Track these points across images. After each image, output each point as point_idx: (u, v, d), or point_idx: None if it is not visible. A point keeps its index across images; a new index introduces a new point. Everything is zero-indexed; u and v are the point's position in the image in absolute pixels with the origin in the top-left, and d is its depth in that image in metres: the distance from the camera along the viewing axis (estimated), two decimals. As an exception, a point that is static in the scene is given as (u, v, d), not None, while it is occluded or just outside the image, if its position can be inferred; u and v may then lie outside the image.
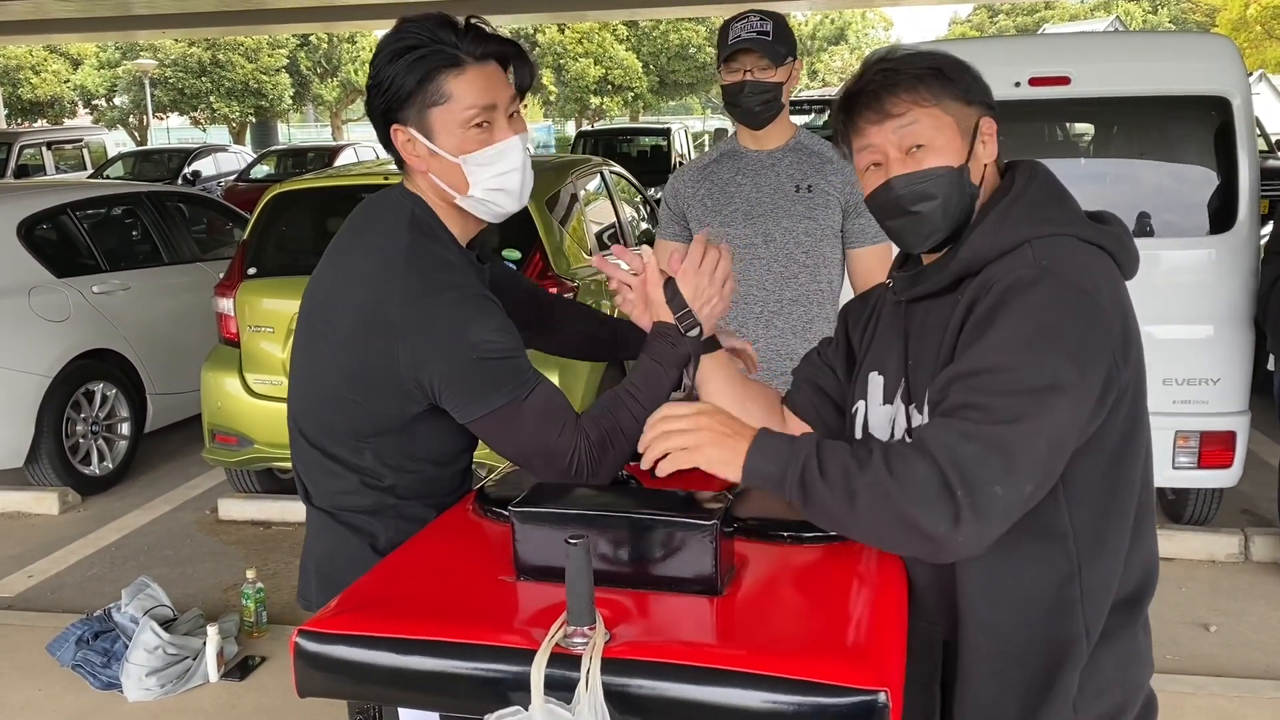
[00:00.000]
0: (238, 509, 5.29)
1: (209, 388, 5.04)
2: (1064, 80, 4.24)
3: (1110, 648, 1.46)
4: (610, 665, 1.22)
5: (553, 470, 1.64)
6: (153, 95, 32.67)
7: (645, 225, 6.89)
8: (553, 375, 4.15)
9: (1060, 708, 1.44)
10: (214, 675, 3.61)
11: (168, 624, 3.73)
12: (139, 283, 6.14)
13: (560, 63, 36.77)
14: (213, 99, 33.60)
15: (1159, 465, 4.17)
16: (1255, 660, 3.68)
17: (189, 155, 17.28)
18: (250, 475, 5.36)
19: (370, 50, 34.93)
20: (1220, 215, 4.25)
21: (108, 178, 15.58)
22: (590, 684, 1.21)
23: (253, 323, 4.91)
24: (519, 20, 22.01)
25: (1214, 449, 4.21)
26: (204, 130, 38.46)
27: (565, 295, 4.66)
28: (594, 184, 6.13)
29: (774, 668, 1.20)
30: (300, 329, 1.80)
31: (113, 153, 18.72)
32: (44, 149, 16.92)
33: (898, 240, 1.52)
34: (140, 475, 6.01)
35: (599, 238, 5.82)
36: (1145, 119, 4.55)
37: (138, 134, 35.57)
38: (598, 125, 32.24)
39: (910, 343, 1.52)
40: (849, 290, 2.83)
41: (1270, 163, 8.32)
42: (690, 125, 24.16)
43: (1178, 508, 4.68)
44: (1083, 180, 4.49)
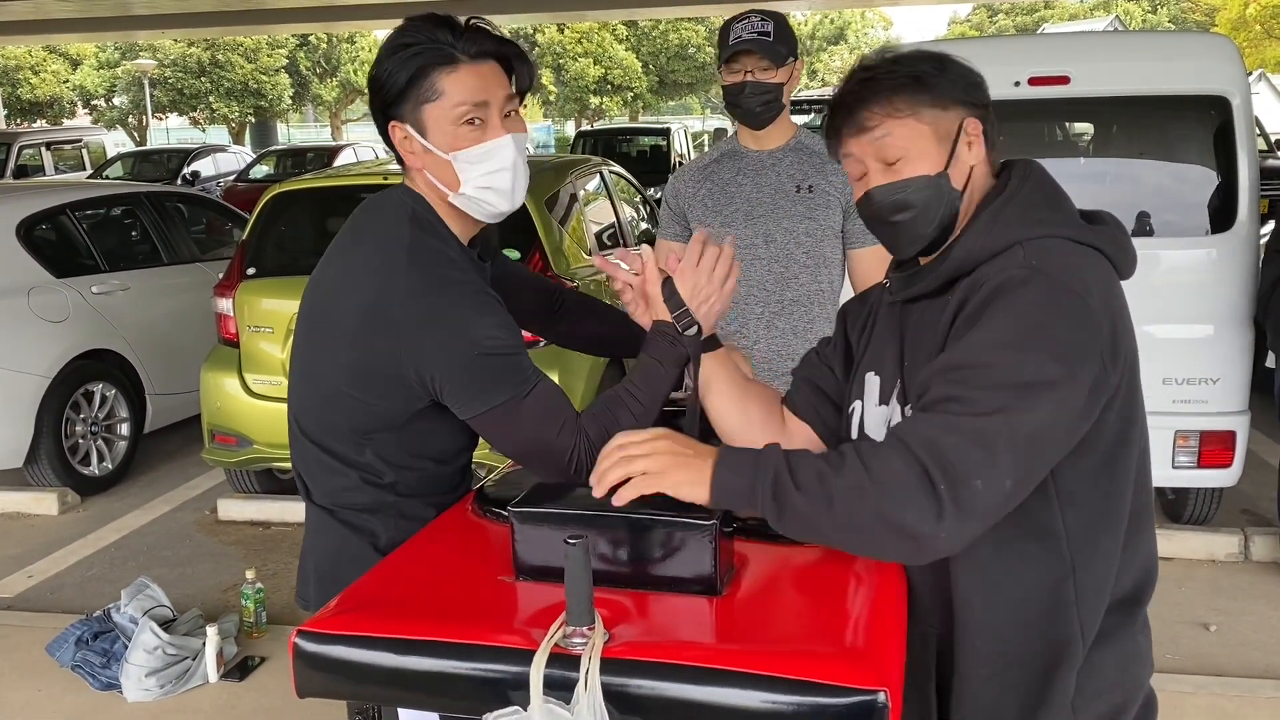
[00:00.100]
0: (237, 509, 5.29)
1: (208, 388, 5.04)
2: (1063, 80, 4.25)
3: (1109, 648, 1.46)
4: (609, 665, 1.22)
5: (552, 468, 1.64)
6: (152, 95, 32.66)
7: (645, 225, 6.89)
8: (553, 373, 4.15)
9: (1059, 708, 1.44)
10: (213, 676, 3.61)
11: (167, 624, 3.73)
12: (138, 283, 6.14)
13: (560, 62, 36.77)
14: (212, 99, 33.58)
15: (1159, 465, 4.17)
16: (1255, 660, 3.68)
17: (188, 155, 17.27)
18: (250, 475, 5.36)
19: (369, 50, 35.15)
20: (1220, 215, 4.25)
21: (107, 178, 15.57)
22: (589, 684, 1.21)
23: (252, 323, 4.90)
24: (519, 20, 22.03)
25: (1214, 448, 4.21)
26: (203, 130, 38.46)
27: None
28: (593, 184, 6.13)
29: (773, 668, 1.20)
30: (301, 326, 1.80)
31: (112, 153, 18.73)
32: (43, 149, 16.92)
33: (887, 247, 1.54)
34: (140, 476, 6.01)
35: (598, 237, 5.83)
36: (1145, 118, 4.55)
37: (137, 134, 35.57)
38: (597, 125, 32.23)
39: (906, 344, 1.52)
40: (849, 290, 2.83)
41: (1270, 162, 8.32)
42: (690, 125, 24.15)
43: (1177, 507, 4.68)
44: (1082, 180, 4.50)
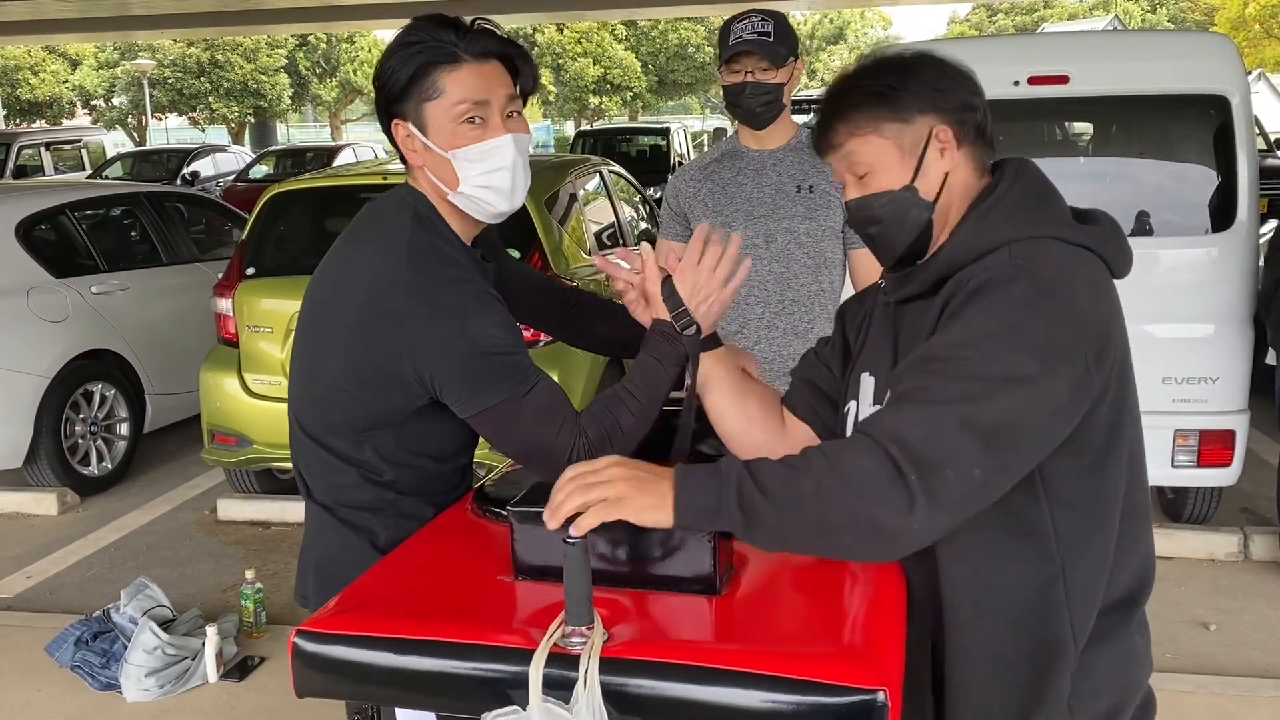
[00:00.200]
0: (237, 509, 5.29)
1: (208, 388, 5.04)
2: (1063, 79, 4.25)
3: (1106, 648, 1.46)
4: (609, 665, 1.22)
5: (551, 468, 1.63)
6: (151, 95, 32.65)
7: (644, 225, 6.89)
8: (552, 373, 4.13)
9: (1055, 708, 1.43)
10: (213, 676, 3.61)
11: (167, 624, 3.73)
12: (138, 283, 6.14)
13: (559, 62, 36.77)
14: (211, 99, 33.59)
15: (1159, 464, 4.19)
16: (1255, 659, 3.68)
17: (188, 155, 17.28)
18: (249, 475, 5.36)
19: (369, 50, 35.15)
20: (1219, 214, 4.25)
21: (106, 178, 15.58)
22: (588, 684, 1.21)
23: (251, 323, 4.90)
24: (518, 20, 22.00)
25: (1213, 448, 4.21)
26: (203, 130, 38.46)
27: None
28: (593, 183, 6.14)
29: (773, 667, 1.20)
30: (302, 322, 1.81)
31: (111, 153, 18.73)
32: (42, 149, 16.91)
33: (873, 254, 1.57)
34: (139, 476, 6.00)
35: (598, 237, 5.83)
36: (1144, 118, 4.55)
37: (136, 134, 35.57)
38: (597, 125, 32.23)
39: (900, 344, 1.51)
40: (850, 290, 2.82)
41: (1269, 161, 8.32)
42: (689, 125, 24.17)
43: (1177, 506, 4.68)
44: (1082, 179, 4.50)
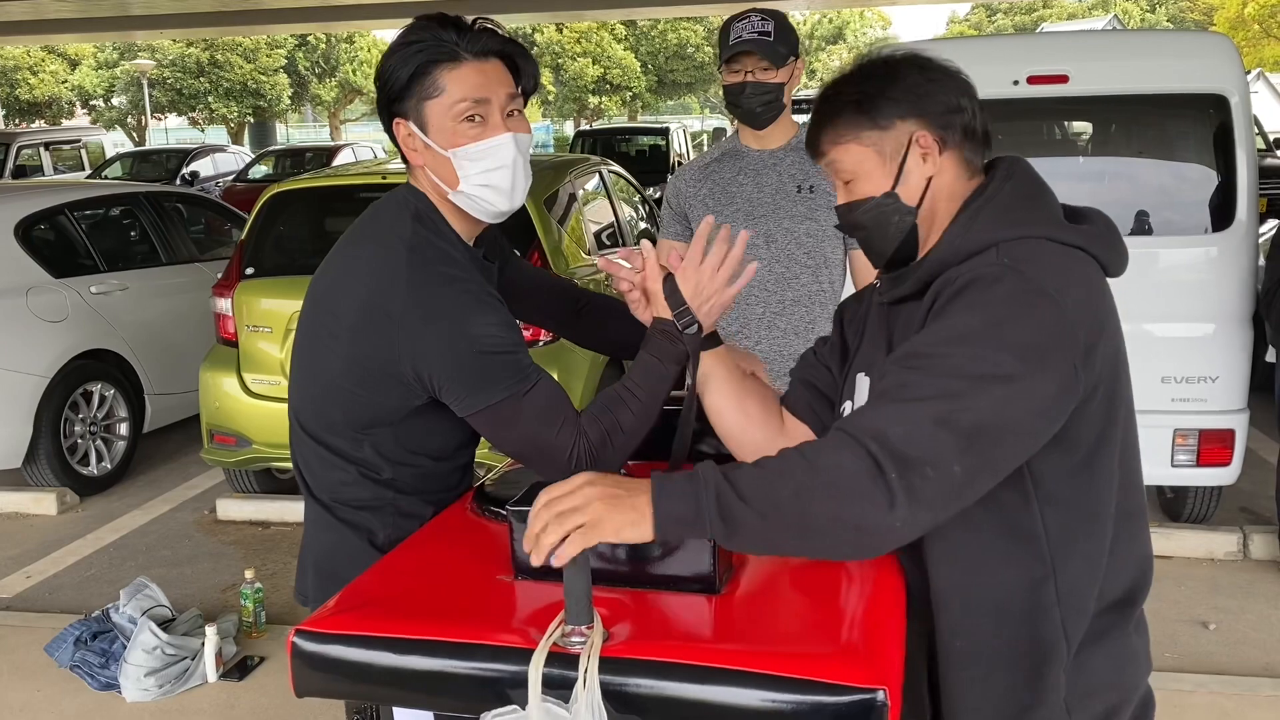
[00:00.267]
0: (236, 509, 5.29)
1: (207, 388, 5.04)
2: (1062, 79, 4.25)
3: (1103, 648, 1.45)
4: (608, 664, 1.22)
5: (551, 467, 1.63)
6: (151, 96, 32.63)
7: (644, 225, 6.89)
8: (552, 372, 4.14)
9: (1051, 708, 1.43)
10: (212, 675, 3.61)
11: (166, 624, 3.73)
12: (137, 283, 6.14)
13: (558, 62, 36.77)
14: (211, 99, 33.60)
15: (1158, 463, 4.19)
16: (1254, 658, 3.68)
17: (187, 155, 17.27)
18: (249, 475, 5.36)
19: (368, 51, 35.15)
20: (1219, 213, 4.25)
21: (106, 178, 15.56)
22: (588, 683, 1.21)
23: (250, 323, 4.90)
24: (518, 20, 21.99)
25: (1213, 447, 4.21)
26: (202, 130, 38.46)
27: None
28: (592, 183, 6.14)
29: (772, 666, 1.20)
30: (303, 321, 1.81)
31: (111, 153, 18.71)
32: (42, 149, 16.91)
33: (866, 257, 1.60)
34: (139, 475, 6.00)
35: (597, 237, 5.83)
36: (1143, 117, 4.55)
37: (136, 134, 35.57)
38: (596, 125, 32.25)
39: (893, 345, 1.51)
40: (850, 290, 2.82)
41: (1268, 161, 8.33)
42: (689, 125, 24.16)
43: (1176, 506, 4.68)
44: (1081, 179, 4.51)
